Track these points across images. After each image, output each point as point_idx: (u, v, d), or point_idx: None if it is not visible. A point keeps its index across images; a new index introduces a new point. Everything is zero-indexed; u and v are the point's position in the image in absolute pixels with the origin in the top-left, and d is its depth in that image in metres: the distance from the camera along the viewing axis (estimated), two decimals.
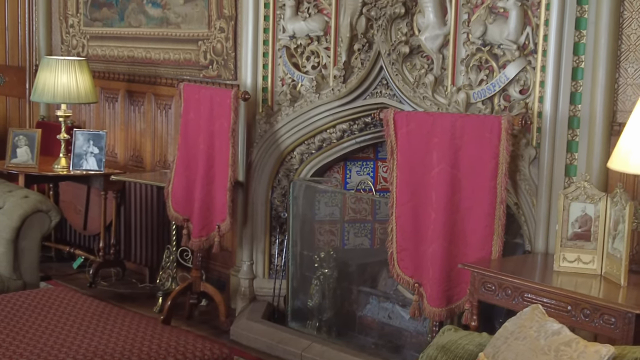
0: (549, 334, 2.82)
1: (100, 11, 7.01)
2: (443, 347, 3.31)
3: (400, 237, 4.60)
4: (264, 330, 5.41)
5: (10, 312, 4.23)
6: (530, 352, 2.79)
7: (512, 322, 3.00)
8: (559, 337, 2.78)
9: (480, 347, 3.13)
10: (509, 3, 4.43)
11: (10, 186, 5.58)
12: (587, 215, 4.01)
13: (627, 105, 4.24)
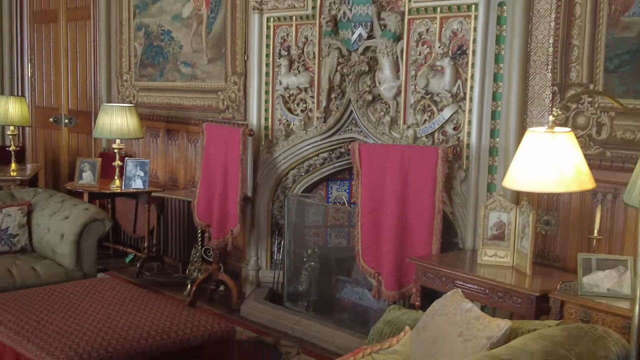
0: (463, 311, 2.91)
1: (146, 70, 7.08)
2: (388, 322, 3.41)
3: (364, 239, 4.72)
4: (266, 309, 5.52)
5: (72, 295, 4.40)
6: (448, 325, 2.88)
7: (438, 302, 3.10)
8: (470, 314, 2.86)
9: (415, 321, 3.22)
10: (445, 62, 4.52)
11: (75, 201, 5.69)
12: (502, 221, 4.12)
13: None
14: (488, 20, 4.34)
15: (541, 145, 2.50)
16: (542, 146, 2.50)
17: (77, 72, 8.23)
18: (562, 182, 2.48)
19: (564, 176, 2.45)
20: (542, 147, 2.49)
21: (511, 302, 3.74)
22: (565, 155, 2.49)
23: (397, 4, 4.81)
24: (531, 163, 2.50)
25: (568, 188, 2.49)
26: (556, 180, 2.48)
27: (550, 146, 2.49)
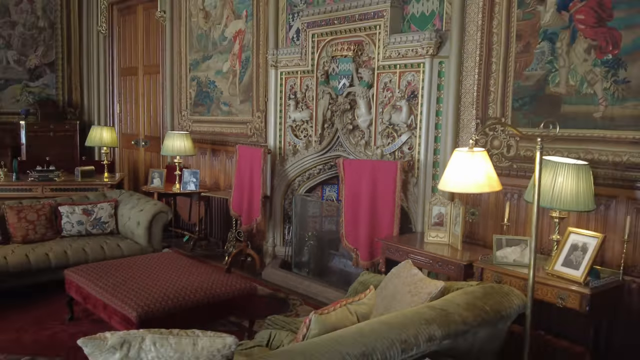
0: (412, 275, 2.92)
1: (197, 108, 7.15)
2: (361, 282, 3.42)
3: (347, 225, 4.74)
4: (279, 274, 5.53)
5: (143, 264, 4.41)
6: (401, 285, 2.88)
7: (395, 269, 3.11)
8: (417, 277, 2.86)
9: (379, 282, 3.27)
10: (402, 102, 4.55)
11: (147, 199, 5.73)
12: (441, 213, 4.15)
13: None
14: (432, 74, 4.34)
15: (464, 160, 2.50)
16: (464, 161, 2.50)
17: (150, 109, 8.28)
18: (478, 185, 2.48)
19: (479, 181, 2.46)
20: (465, 162, 2.50)
21: (447, 269, 3.75)
22: (480, 167, 2.49)
23: (369, 63, 4.82)
24: (457, 172, 2.50)
25: (482, 189, 2.49)
26: (474, 184, 2.48)
27: (470, 161, 2.49)
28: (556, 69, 3.74)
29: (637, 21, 3.36)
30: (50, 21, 9.03)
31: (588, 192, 3.15)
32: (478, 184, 2.45)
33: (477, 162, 2.47)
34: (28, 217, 5.27)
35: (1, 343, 3.99)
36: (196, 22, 7.00)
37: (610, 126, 3.51)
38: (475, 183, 2.45)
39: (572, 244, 3.23)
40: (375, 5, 4.67)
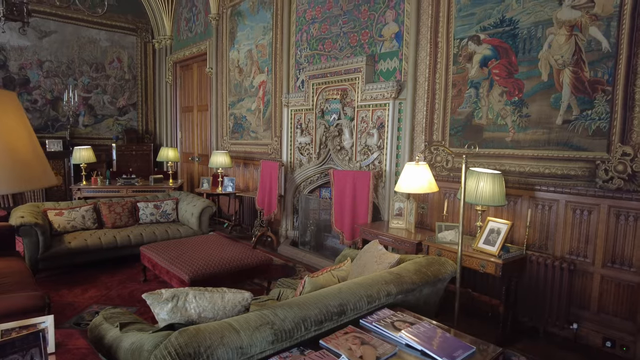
0: (377, 250, 2.88)
1: (234, 134, 7.09)
2: (344, 255, 3.40)
3: (335, 215, 4.69)
4: (290, 250, 5.49)
5: (195, 243, 4.36)
6: (370, 257, 2.85)
7: (367, 246, 3.08)
8: (381, 252, 2.82)
9: (355, 255, 3.17)
10: (374, 130, 4.53)
11: (199, 197, 5.64)
12: (401, 207, 4.09)
13: None
14: (394, 111, 4.35)
15: (413, 170, 2.49)
16: (413, 171, 2.49)
17: (202, 135, 8.27)
18: (422, 188, 2.48)
19: (423, 185, 2.45)
20: (413, 171, 2.49)
21: (404, 246, 3.72)
22: (424, 176, 2.49)
23: (352, 103, 4.82)
24: (408, 179, 2.49)
25: (425, 191, 2.49)
26: (419, 187, 2.47)
27: (417, 171, 2.48)
28: (479, 107, 3.74)
29: (534, 74, 3.37)
30: (133, 74, 9.06)
31: (501, 192, 3.15)
32: (422, 187, 2.45)
33: (421, 172, 2.47)
34: (116, 210, 5.28)
35: (95, 297, 3.99)
36: (233, 75, 7.02)
37: (517, 147, 3.51)
38: (420, 186, 2.45)
39: (490, 228, 3.22)
40: (355, 64, 4.68)
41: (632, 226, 2.97)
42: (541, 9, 3.31)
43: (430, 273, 2.49)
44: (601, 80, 3.05)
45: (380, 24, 4.55)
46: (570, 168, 3.22)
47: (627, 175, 2.97)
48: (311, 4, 5.42)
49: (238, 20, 6.78)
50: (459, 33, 3.84)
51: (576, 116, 3.17)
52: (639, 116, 2.90)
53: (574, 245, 3.24)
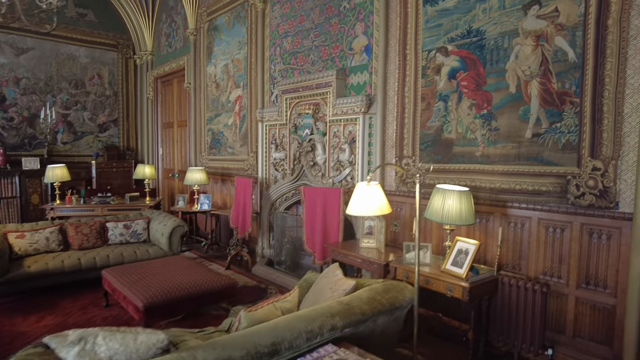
0: (334, 276, 2.70)
1: (212, 150, 6.94)
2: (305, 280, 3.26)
3: (307, 234, 4.50)
4: (264, 270, 5.27)
5: (160, 264, 4.16)
6: (326, 283, 2.69)
7: (326, 270, 2.89)
8: (337, 277, 2.65)
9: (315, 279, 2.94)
10: (345, 146, 4.38)
11: (170, 217, 5.44)
12: (371, 225, 3.93)
13: (390, 187, 4.12)
14: (364, 125, 4.20)
15: (363, 191, 2.32)
16: (364, 192, 2.32)
17: (182, 151, 8.10)
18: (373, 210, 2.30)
19: (373, 207, 2.28)
20: (364, 192, 2.31)
21: (373, 267, 3.54)
22: (375, 196, 2.31)
23: (324, 118, 4.67)
24: (359, 200, 2.32)
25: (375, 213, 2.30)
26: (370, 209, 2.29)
27: (368, 192, 2.31)
28: (448, 121, 3.59)
29: (502, 86, 3.23)
30: (114, 91, 8.92)
31: (468, 210, 2.98)
32: (372, 209, 2.27)
33: (373, 193, 2.29)
34: (83, 231, 5.07)
35: (50, 326, 3.77)
36: (211, 90, 6.88)
37: (487, 162, 3.35)
38: (371, 209, 2.27)
39: (459, 248, 3.04)
40: (326, 78, 4.54)
41: (605, 245, 2.79)
42: (507, 19, 3.18)
43: (385, 301, 2.30)
44: (569, 92, 2.90)
45: (351, 37, 4.43)
46: (542, 184, 3.06)
47: (599, 191, 2.80)
48: (284, 17, 5.30)
49: (215, 35, 6.68)
50: (427, 45, 3.71)
51: (546, 129, 3.02)
52: (607, 129, 2.75)
53: (548, 265, 3.06)
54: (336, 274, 2.64)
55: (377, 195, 2.28)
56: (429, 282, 3.01)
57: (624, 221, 2.71)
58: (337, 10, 4.56)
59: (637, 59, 2.61)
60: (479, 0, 3.34)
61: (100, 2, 8.53)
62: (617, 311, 2.75)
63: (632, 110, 2.66)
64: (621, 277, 2.73)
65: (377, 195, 2.28)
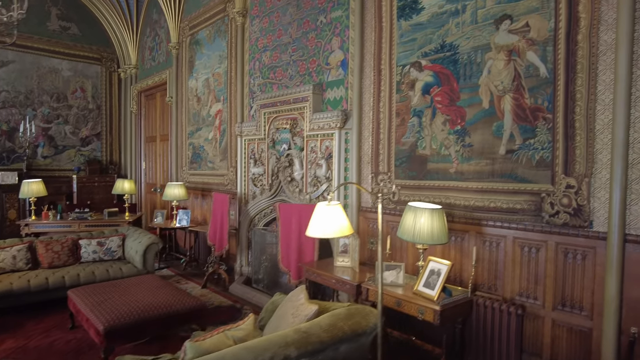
0: (297, 300, 2.57)
1: (193, 164, 6.80)
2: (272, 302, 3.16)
3: (282, 252, 4.36)
4: (241, 289, 5.09)
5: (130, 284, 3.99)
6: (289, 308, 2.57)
7: (291, 293, 2.77)
8: (299, 302, 2.53)
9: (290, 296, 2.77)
10: (322, 161, 4.28)
11: (146, 233, 5.27)
12: (345, 243, 3.81)
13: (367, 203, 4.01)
14: (340, 141, 4.10)
15: (324, 212, 2.20)
16: (324, 212, 2.20)
17: (164, 166, 7.96)
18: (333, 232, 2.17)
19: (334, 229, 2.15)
20: (324, 213, 2.20)
21: (345, 288, 3.41)
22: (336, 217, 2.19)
23: (301, 133, 4.57)
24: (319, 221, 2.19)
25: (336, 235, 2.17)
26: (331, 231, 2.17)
27: (328, 212, 2.19)
28: (422, 137, 3.50)
29: (476, 101, 3.15)
30: (98, 104, 8.80)
31: (440, 229, 2.87)
32: (333, 231, 2.15)
33: (334, 214, 2.18)
34: (54, 249, 4.89)
35: (9, 350, 3.57)
36: (192, 104, 6.78)
37: (461, 178, 3.25)
38: (331, 231, 2.15)
39: (431, 269, 2.92)
40: (303, 93, 4.46)
41: (580, 265, 2.69)
42: (479, 34, 3.12)
43: (347, 328, 2.17)
44: (541, 108, 2.83)
45: (327, 52, 4.36)
46: (516, 201, 2.96)
47: (573, 210, 2.71)
48: (263, 32, 5.24)
49: (196, 49, 6.60)
50: (402, 59, 3.65)
51: (519, 145, 2.94)
52: (580, 146, 2.67)
53: (524, 286, 2.95)
54: (299, 298, 2.51)
55: (338, 216, 2.17)
56: (400, 305, 2.88)
57: (598, 240, 2.61)
58: (314, 25, 4.51)
59: (607, 74, 2.55)
60: (452, 15, 3.29)
61: (85, 16, 8.46)
62: (593, 334, 2.63)
63: (603, 126, 2.58)
64: (597, 299, 2.62)
65: (337, 215, 2.17)
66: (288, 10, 4.85)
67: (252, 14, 5.41)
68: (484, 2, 3.09)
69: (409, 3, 3.57)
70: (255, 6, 5.37)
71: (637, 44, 2.43)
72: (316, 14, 4.47)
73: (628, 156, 2.48)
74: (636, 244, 2.46)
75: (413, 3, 3.55)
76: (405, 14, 3.60)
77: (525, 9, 2.88)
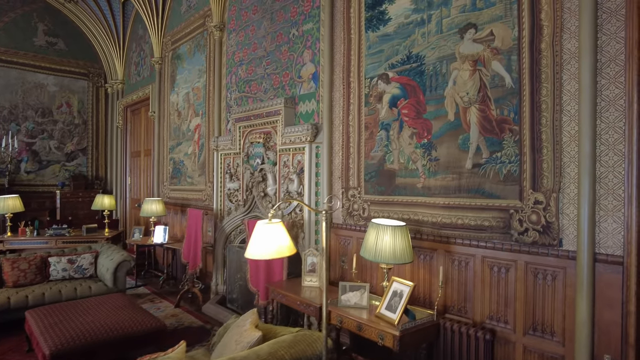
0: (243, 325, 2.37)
1: (173, 179, 6.66)
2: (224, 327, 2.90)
3: (251, 272, 4.15)
4: (214, 309, 4.86)
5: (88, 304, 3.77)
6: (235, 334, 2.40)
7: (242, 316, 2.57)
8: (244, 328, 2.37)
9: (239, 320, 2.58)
10: (294, 176, 4.11)
11: (119, 250, 5.09)
12: (314, 262, 3.62)
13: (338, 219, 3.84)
14: (311, 155, 3.95)
15: (263, 230, 2.03)
16: (263, 231, 2.03)
17: (148, 181, 7.81)
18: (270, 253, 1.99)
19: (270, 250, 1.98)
20: (263, 231, 2.03)
21: (310, 310, 3.20)
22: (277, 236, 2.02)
23: (274, 147, 4.43)
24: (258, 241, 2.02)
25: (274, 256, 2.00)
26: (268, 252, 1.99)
27: (268, 230, 2.02)
28: (390, 150, 3.35)
29: (442, 114, 3.01)
30: (84, 119, 8.71)
31: (403, 248, 2.69)
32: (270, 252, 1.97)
33: (275, 232, 2.01)
34: (20, 267, 4.70)
35: None
36: (173, 119, 6.67)
37: (428, 194, 3.09)
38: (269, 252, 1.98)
39: (394, 290, 2.73)
40: (275, 107, 4.33)
41: (550, 287, 2.50)
42: (445, 43, 2.99)
43: (288, 357, 1.98)
44: (508, 119, 2.68)
45: (299, 65, 4.24)
46: (484, 218, 2.79)
47: (542, 227, 2.54)
48: (239, 45, 5.15)
49: (178, 64, 6.52)
50: (370, 72, 3.52)
51: (486, 159, 2.78)
52: (547, 159, 2.51)
53: (494, 309, 2.75)
54: (246, 323, 2.32)
55: (278, 235, 2.00)
56: (361, 329, 2.69)
57: (568, 260, 2.43)
58: (286, 38, 4.40)
59: (572, 84, 2.41)
60: (418, 25, 3.16)
61: (72, 31, 8.42)
62: None
63: (570, 138, 2.42)
64: (568, 324, 2.42)
65: (278, 234, 1.99)
66: (263, 23, 4.76)
67: (230, 28, 5.33)
68: (449, 11, 2.97)
69: (376, 14, 3.46)
70: (232, 20, 5.29)
71: (601, 52, 2.29)
72: (289, 26, 4.38)
73: (595, 170, 2.32)
74: (606, 264, 2.28)
75: (380, 14, 3.43)
76: (373, 25, 3.49)
77: (489, 18, 2.76)
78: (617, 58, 2.25)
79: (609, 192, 2.28)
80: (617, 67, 2.25)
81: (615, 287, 2.24)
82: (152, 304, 5.23)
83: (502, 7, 2.70)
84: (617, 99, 2.25)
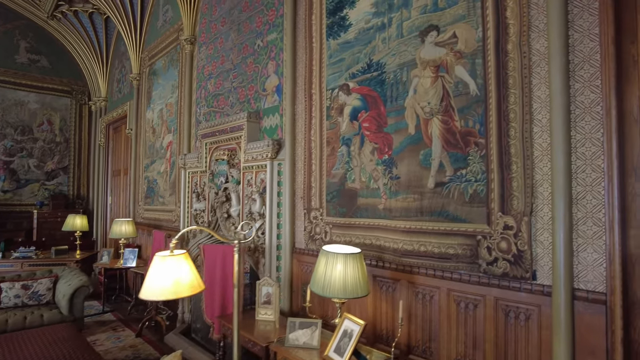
0: None
1: (147, 199, 6.33)
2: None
3: (206, 301, 3.69)
4: (175, 339, 4.43)
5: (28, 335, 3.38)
6: None
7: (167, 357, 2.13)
8: None
9: None
10: (256, 196, 3.74)
11: (79, 275, 4.73)
12: (269, 292, 3.24)
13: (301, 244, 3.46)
14: (273, 173, 3.60)
15: (162, 265, 1.67)
16: (162, 265, 1.67)
17: (127, 200, 7.46)
18: (167, 293, 1.63)
19: (166, 287, 1.61)
20: (162, 266, 1.67)
21: (256, 349, 2.80)
22: (178, 271, 1.66)
23: (239, 165, 4.09)
24: (156, 276, 1.66)
25: (173, 297, 1.63)
26: (168, 291, 1.63)
27: (168, 265, 1.66)
28: (352, 168, 2.99)
29: (402, 127, 2.66)
30: (66, 137, 8.46)
31: (356, 280, 2.30)
32: (170, 291, 1.61)
33: (175, 267, 1.65)
34: None
35: None
36: (148, 136, 6.38)
37: (389, 216, 2.71)
38: (169, 291, 1.61)
39: (344, 329, 2.34)
40: (239, 121, 4.01)
41: (523, 328, 2.10)
42: (405, 49, 2.67)
43: None
44: (473, 131, 2.32)
45: (264, 77, 3.94)
46: (449, 245, 2.40)
47: (513, 256, 2.15)
48: (209, 59, 4.88)
49: (154, 80, 6.27)
50: (331, 82, 3.20)
51: (450, 177, 2.41)
52: (517, 176, 2.14)
53: (461, 351, 2.34)
54: None
55: (179, 270, 1.63)
56: None
57: (542, 296, 2.03)
58: (252, 49, 4.12)
59: (542, 89, 2.06)
60: (379, 29, 2.85)
61: (55, 49, 8.25)
62: None
63: (542, 152, 2.06)
64: None
65: (179, 270, 1.63)
66: (230, 35, 4.49)
67: (200, 41, 5.07)
68: (409, 12, 2.66)
69: (337, 20, 3.16)
70: (202, 33, 5.03)
71: (573, 52, 1.95)
72: (254, 37, 4.09)
73: (571, 189, 1.94)
74: (586, 302, 1.88)
75: (341, 20, 3.13)
76: (334, 32, 3.18)
77: (452, 18, 2.44)
78: (591, 58, 1.90)
79: (588, 216, 1.91)
80: (592, 69, 1.90)
81: (598, 331, 1.84)
82: (113, 333, 4.82)
83: (465, 5, 2.38)
84: (594, 105, 1.89)
